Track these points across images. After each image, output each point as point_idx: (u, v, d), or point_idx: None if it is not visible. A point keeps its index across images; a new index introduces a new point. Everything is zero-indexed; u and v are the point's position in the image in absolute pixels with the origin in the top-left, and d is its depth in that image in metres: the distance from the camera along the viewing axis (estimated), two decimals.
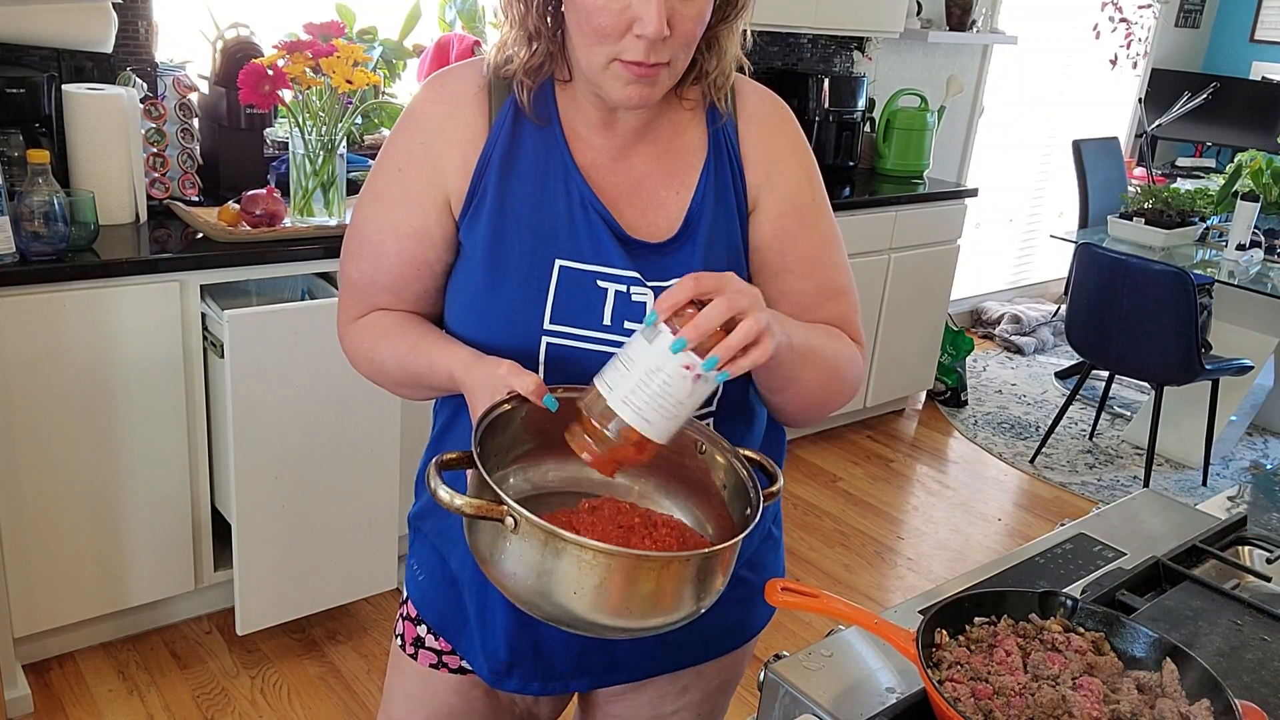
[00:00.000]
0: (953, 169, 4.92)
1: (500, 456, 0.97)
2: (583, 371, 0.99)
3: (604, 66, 0.96)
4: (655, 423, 0.87)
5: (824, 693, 0.99)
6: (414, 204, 1.04)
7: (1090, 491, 3.71)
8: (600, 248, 1.02)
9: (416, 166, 1.05)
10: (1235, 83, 5.65)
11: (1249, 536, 1.36)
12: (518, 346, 1.01)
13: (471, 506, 0.84)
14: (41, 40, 2.32)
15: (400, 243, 1.05)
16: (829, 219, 1.11)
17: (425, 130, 1.05)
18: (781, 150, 1.10)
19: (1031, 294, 5.83)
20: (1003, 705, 0.89)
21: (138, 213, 2.39)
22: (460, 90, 1.05)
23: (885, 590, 3.00)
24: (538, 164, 1.04)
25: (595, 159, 1.05)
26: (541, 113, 1.04)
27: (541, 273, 1.01)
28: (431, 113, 1.06)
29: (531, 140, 1.04)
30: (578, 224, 1.02)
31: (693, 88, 1.07)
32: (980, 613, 1.01)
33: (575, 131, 1.05)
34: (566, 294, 1.01)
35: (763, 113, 1.11)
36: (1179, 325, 3.39)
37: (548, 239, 1.02)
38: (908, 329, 3.94)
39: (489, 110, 1.04)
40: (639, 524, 0.92)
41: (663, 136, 1.08)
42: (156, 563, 2.36)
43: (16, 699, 2.18)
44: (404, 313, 1.09)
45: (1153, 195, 4.11)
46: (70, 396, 2.14)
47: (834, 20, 3.54)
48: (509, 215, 1.02)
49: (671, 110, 1.08)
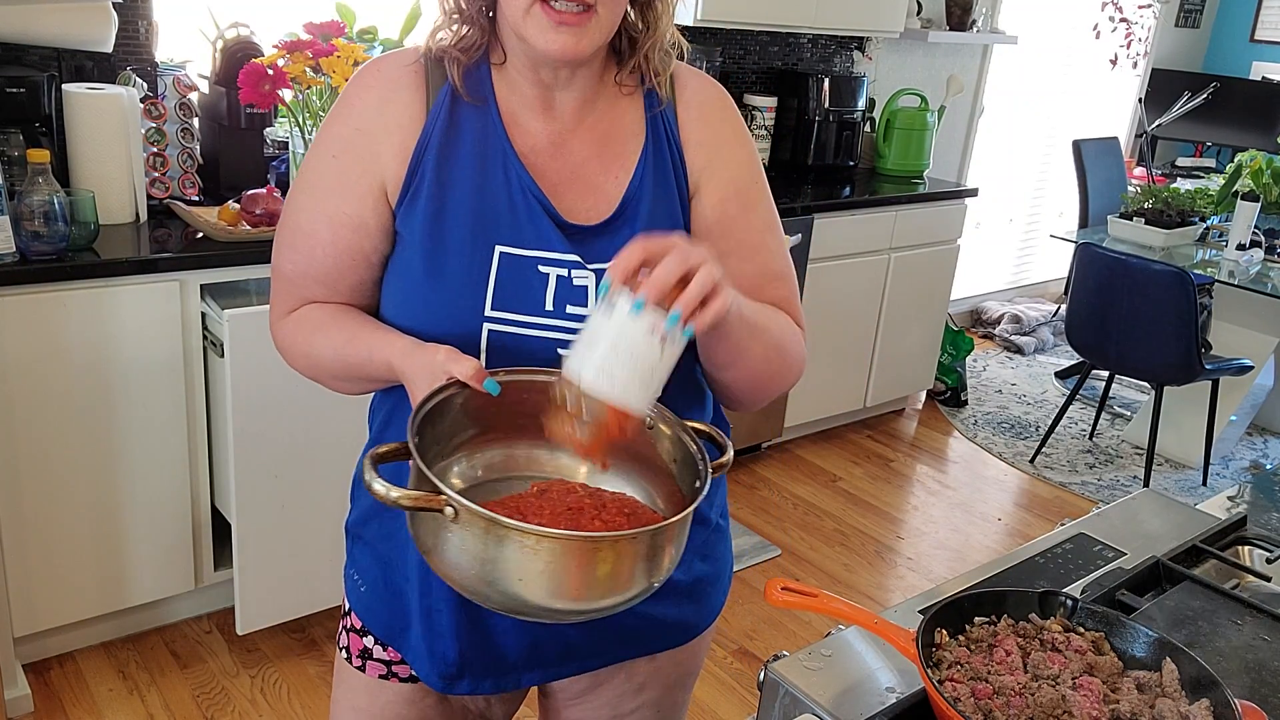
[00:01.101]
0: (953, 169, 4.92)
1: (442, 445, 0.96)
2: (525, 358, 1.00)
3: (525, 10, 0.94)
4: (632, 393, 0.86)
5: (824, 692, 0.99)
6: (349, 192, 1.02)
7: (1090, 491, 3.71)
8: (541, 233, 1.01)
9: (351, 154, 1.03)
10: (1235, 83, 5.65)
11: (1249, 536, 1.36)
12: (459, 334, 0.99)
13: (409, 499, 0.82)
14: (42, 40, 2.32)
15: (335, 232, 1.03)
16: (769, 204, 1.12)
17: (360, 116, 1.03)
18: (724, 135, 1.10)
19: (1031, 294, 5.83)
20: (1002, 705, 0.89)
21: (138, 212, 2.39)
22: (395, 75, 1.04)
23: (885, 590, 3.00)
24: (476, 150, 1.02)
25: (534, 144, 1.04)
26: (475, 93, 1.03)
27: (482, 259, 1.00)
28: (366, 99, 1.04)
29: (470, 126, 1.03)
30: (518, 210, 1.01)
31: (630, 75, 1.07)
32: (980, 613, 1.01)
33: (513, 116, 1.04)
34: (507, 280, 1.00)
35: (703, 98, 1.10)
36: (1179, 325, 3.39)
37: (488, 225, 1.01)
38: (908, 329, 3.94)
39: (426, 95, 1.03)
40: (589, 504, 0.91)
41: (601, 122, 1.07)
42: (156, 562, 2.36)
43: (16, 698, 2.18)
44: (339, 305, 1.07)
45: (1153, 195, 4.11)
46: (70, 396, 2.14)
47: (834, 20, 3.54)
48: (448, 201, 1.01)
49: (608, 95, 1.07)
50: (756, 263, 1.09)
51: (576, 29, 0.94)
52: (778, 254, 1.12)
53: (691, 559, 1.14)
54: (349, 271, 1.05)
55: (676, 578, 1.11)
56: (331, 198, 1.03)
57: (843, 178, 3.89)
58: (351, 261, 1.04)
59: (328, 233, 1.03)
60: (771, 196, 1.14)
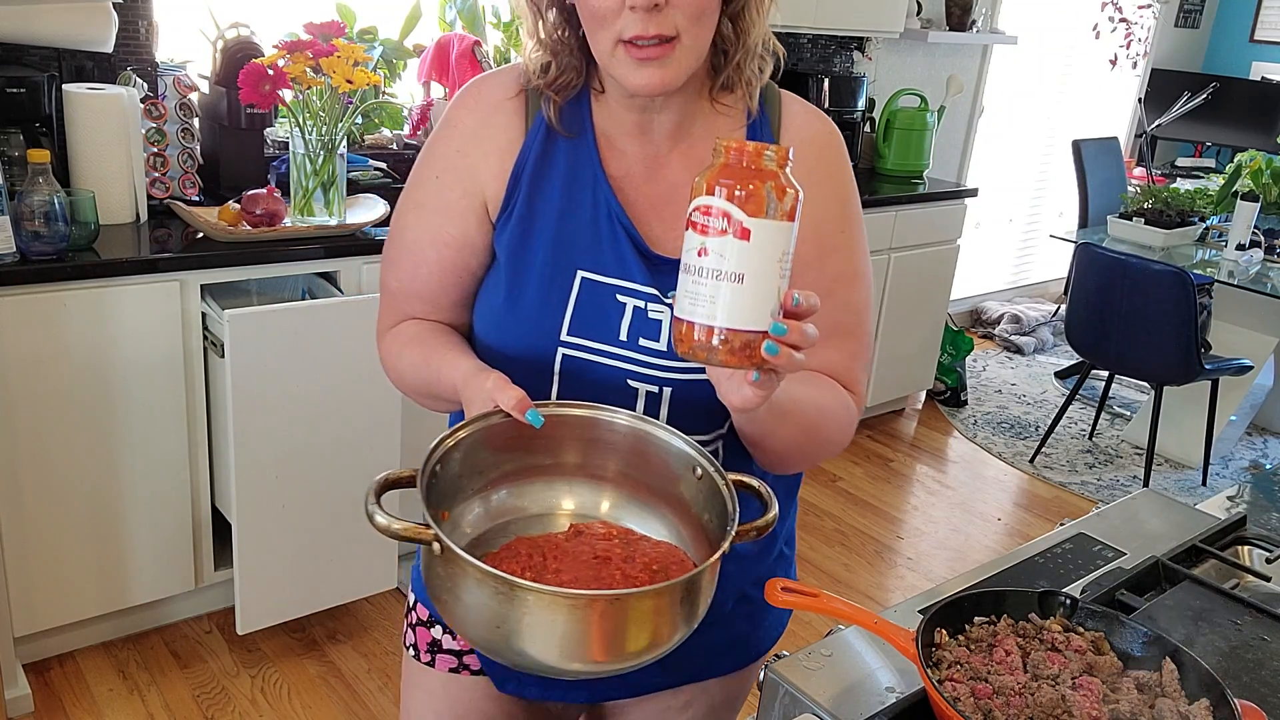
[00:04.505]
0: (953, 169, 4.92)
1: (486, 475, 0.93)
2: (595, 385, 0.99)
3: (611, 53, 0.93)
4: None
5: (824, 692, 0.99)
6: (452, 211, 1.04)
7: (1090, 491, 3.71)
8: (622, 261, 1.00)
9: (453, 174, 1.04)
10: (1235, 83, 5.65)
11: (1248, 536, 1.36)
12: (535, 356, 1.00)
13: (401, 528, 0.79)
14: (42, 40, 2.32)
15: (439, 250, 1.04)
16: (853, 255, 1.06)
17: (461, 137, 1.04)
18: (817, 174, 1.03)
19: (1031, 294, 5.83)
20: (1002, 705, 0.89)
21: (138, 212, 2.39)
22: (496, 97, 1.04)
23: (885, 590, 3.00)
24: (568, 174, 1.02)
25: (629, 169, 1.04)
26: (572, 126, 1.03)
27: (563, 283, 1.00)
28: (467, 120, 1.05)
29: (565, 150, 1.03)
30: (602, 235, 1.01)
31: (728, 93, 1.04)
32: (980, 612, 1.01)
33: (610, 140, 1.04)
34: (586, 306, 1.00)
35: (806, 135, 1.06)
36: (1179, 325, 3.39)
37: (570, 249, 1.00)
38: (908, 329, 3.94)
39: (525, 117, 1.03)
40: (617, 554, 0.87)
41: (697, 146, 1.04)
42: (156, 562, 2.36)
43: (16, 698, 2.18)
44: (433, 322, 1.08)
45: (1152, 195, 4.11)
46: (70, 396, 2.14)
47: (834, 20, 3.54)
48: (535, 224, 1.01)
49: (705, 116, 1.05)
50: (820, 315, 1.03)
51: (661, 61, 0.93)
52: (849, 307, 1.05)
53: (749, 586, 1.13)
54: (452, 287, 1.06)
55: (734, 608, 1.12)
56: (436, 217, 1.04)
57: None
58: (456, 278, 1.05)
59: (432, 251, 1.05)
60: (864, 246, 1.07)
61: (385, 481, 0.86)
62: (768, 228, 0.77)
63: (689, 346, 0.80)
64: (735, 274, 0.77)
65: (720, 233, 0.77)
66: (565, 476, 0.97)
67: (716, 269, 0.78)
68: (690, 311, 0.79)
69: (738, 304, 0.78)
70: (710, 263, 0.78)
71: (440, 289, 1.06)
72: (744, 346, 0.78)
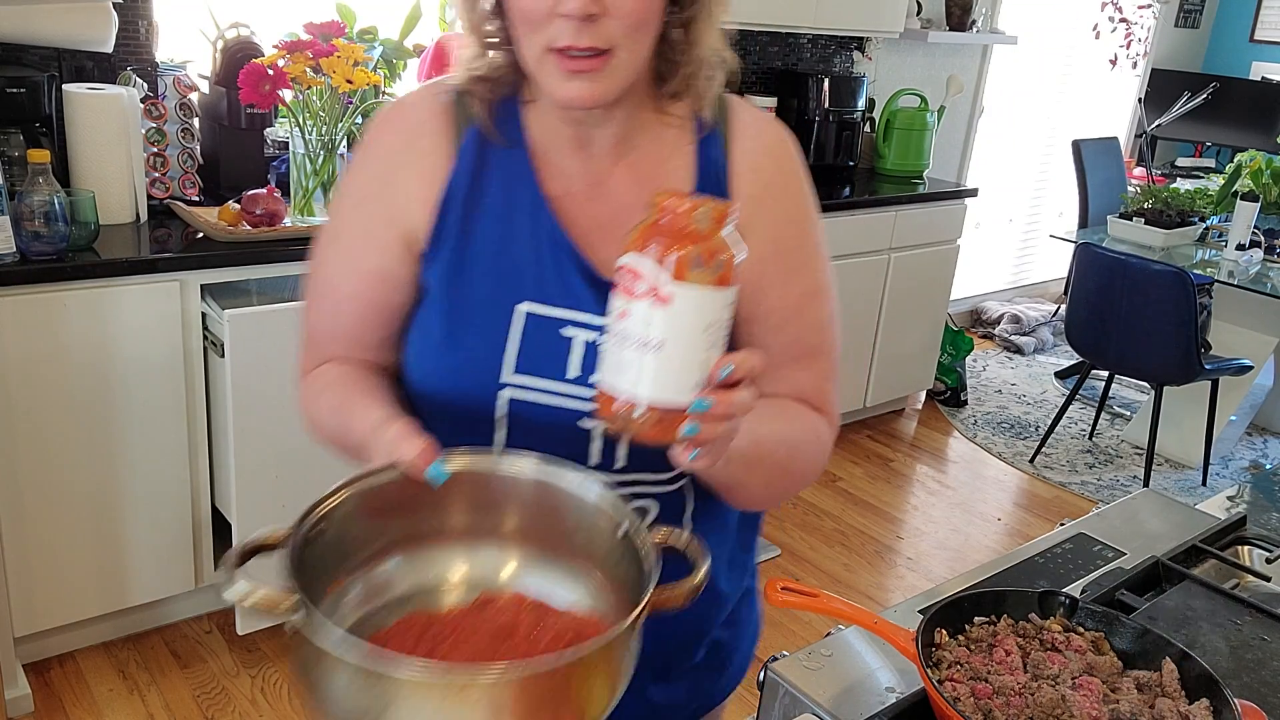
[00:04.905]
0: (953, 169, 4.92)
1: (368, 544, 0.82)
2: (546, 428, 0.91)
3: (539, 61, 0.86)
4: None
5: (824, 692, 0.99)
6: (373, 244, 0.95)
7: (1090, 491, 3.71)
8: (569, 290, 0.92)
9: (374, 203, 0.95)
10: (1235, 83, 5.65)
11: (1248, 536, 1.36)
12: (476, 399, 0.92)
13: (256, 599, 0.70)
14: (42, 40, 2.32)
15: (360, 284, 0.96)
16: (818, 271, 0.99)
17: (382, 162, 0.96)
18: (776, 188, 0.98)
19: (1031, 294, 5.83)
20: (1002, 705, 0.89)
21: (138, 212, 2.39)
22: (419, 117, 0.96)
23: (885, 590, 3.00)
24: (504, 197, 0.94)
25: (569, 187, 0.95)
26: (505, 133, 0.95)
27: (504, 317, 0.91)
28: (388, 143, 0.97)
29: (499, 169, 0.94)
30: (545, 263, 0.92)
31: (676, 102, 0.96)
32: (980, 612, 1.01)
33: (546, 157, 0.95)
34: (531, 342, 0.91)
35: (760, 143, 0.98)
36: (1178, 325, 3.39)
37: (511, 280, 0.92)
38: (908, 329, 3.94)
39: (452, 137, 0.94)
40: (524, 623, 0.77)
41: (644, 160, 0.96)
42: (156, 562, 2.36)
43: (17, 698, 2.18)
44: (353, 367, 0.98)
45: (1152, 195, 4.11)
46: (70, 396, 2.14)
47: (834, 20, 3.54)
48: (470, 253, 0.93)
49: (651, 127, 0.96)
50: (787, 335, 0.97)
51: (592, 75, 0.85)
52: (815, 327, 0.98)
53: (723, 632, 1.07)
54: (375, 327, 0.98)
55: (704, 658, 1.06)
56: (355, 250, 0.96)
57: (842, 178, 3.89)
58: (379, 316, 0.97)
59: (352, 285, 0.97)
60: (826, 258, 1.00)
61: (249, 548, 0.75)
62: (693, 294, 0.71)
63: (608, 416, 0.75)
64: (656, 342, 0.72)
65: (642, 296, 0.72)
66: (467, 539, 0.86)
67: (637, 336, 0.72)
68: (610, 379, 0.74)
69: (658, 375, 0.72)
70: (632, 328, 0.72)
71: (362, 328, 0.98)
72: (664, 421, 0.73)
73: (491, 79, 0.94)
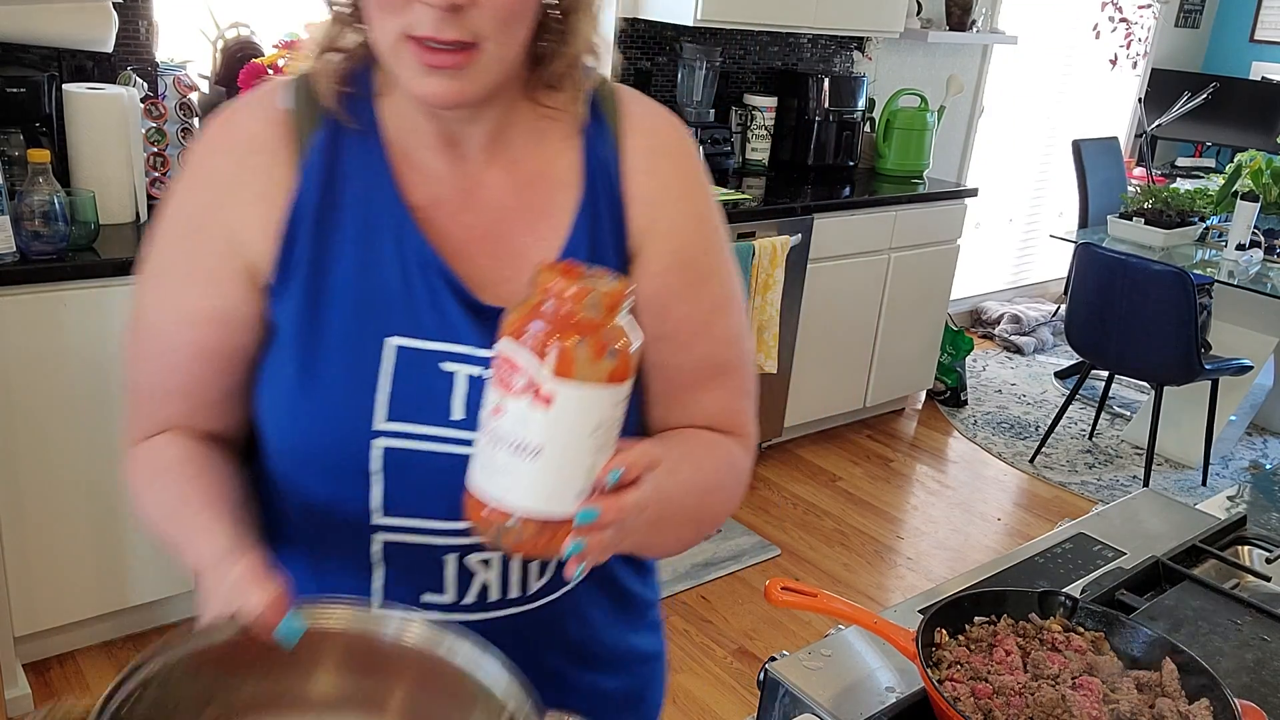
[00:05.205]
0: (953, 169, 4.92)
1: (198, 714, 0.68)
2: (431, 478, 0.79)
3: (394, 48, 0.74)
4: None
5: (824, 692, 0.99)
6: (209, 281, 0.81)
7: (1090, 491, 3.71)
8: (445, 320, 0.80)
9: (205, 234, 0.81)
10: (1235, 83, 5.66)
11: (1248, 536, 1.36)
12: (344, 451, 0.79)
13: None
14: (42, 39, 2.32)
15: (196, 332, 0.81)
16: (725, 278, 0.90)
17: (210, 188, 0.82)
18: (674, 189, 0.87)
19: (1031, 294, 5.83)
20: (1002, 705, 0.89)
21: (138, 212, 2.39)
22: (252, 130, 0.83)
23: (885, 590, 3.00)
24: (362, 211, 0.81)
25: (437, 195, 0.83)
26: (361, 133, 0.83)
27: (370, 355, 0.79)
28: (218, 165, 0.83)
29: (353, 180, 0.81)
30: (415, 288, 0.80)
31: (554, 93, 0.85)
32: (980, 612, 1.01)
33: (408, 160, 0.83)
34: (405, 382, 0.79)
35: (654, 141, 0.88)
36: (1178, 325, 3.39)
37: (377, 310, 0.80)
38: (907, 329, 3.94)
39: (294, 149, 0.81)
40: None
41: (523, 161, 0.85)
42: (156, 562, 2.36)
43: (16, 698, 2.18)
44: (193, 447, 0.84)
45: (1152, 195, 4.11)
46: (70, 395, 2.14)
47: (834, 20, 3.54)
48: (327, 282, 0.80)
49: (527, 121, 0.85)
50: (697, 353, 0.88)
51: (455, 73, 0.74)
52: (727, 341, 0.90)
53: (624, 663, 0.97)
54: (218, 377, 0.83)
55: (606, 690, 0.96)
56: (188, 290, 0.82)
57: (843, 178, 3.89)
58: (222, 365, 0.83)
59: (187, 333, 0.82)
60: (733, 263, 0.91)
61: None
62: (579, 394, 0.62)
63: (479, 524, 0.66)
64: (534, 447, 0.63)
65: (519, 392, 0.62)
66: (329, 710, 0.73)
67: (512, 438, 0.63)
68: (479, 480, 0.65)
69: (536, 484, 0.63)
70: (506, 427, 0.63)
71: (202, 381, 0.83)
72: (542, 534, 0.64)
73: (342, 66, 0.82)
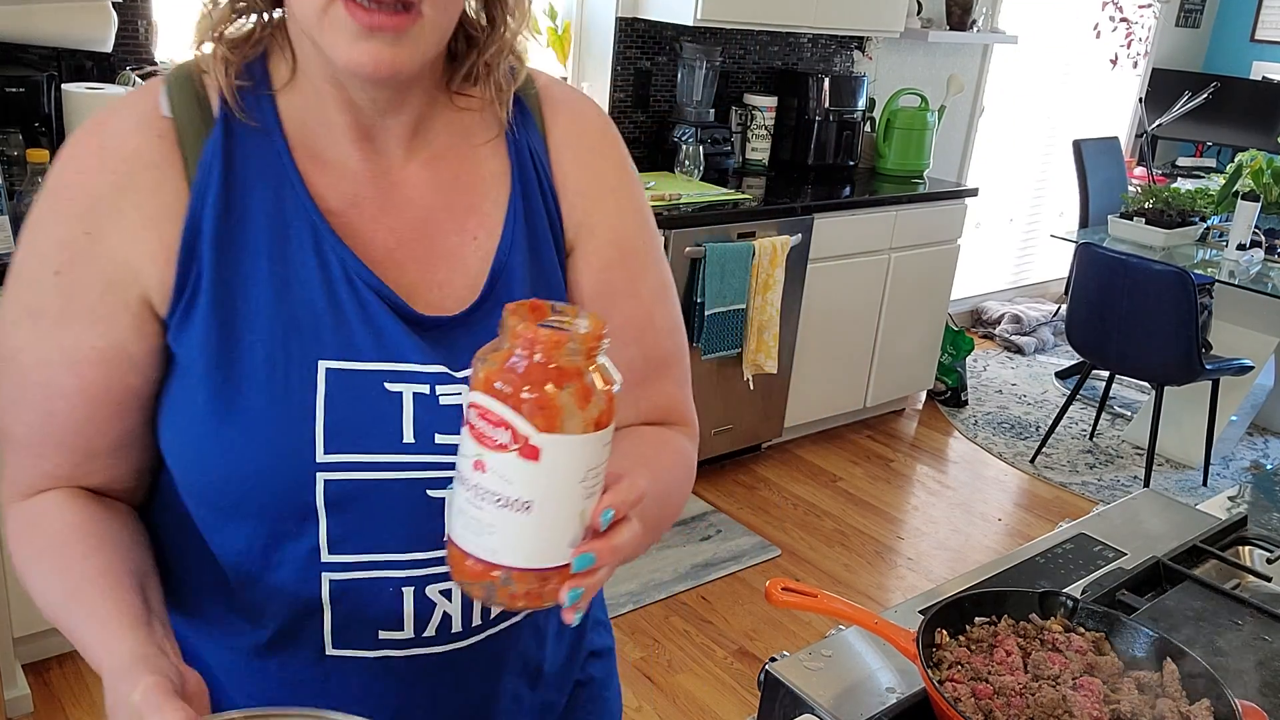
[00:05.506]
0: (953, 169, 4.92)
1: None
2: (381, 511, 0.73)
3: (323, 9, 0.68)
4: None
5: (824, 692, 0.99)
6: (92, 317, 0.72)
7: (1090, 491, 3.71)
8: (381, 336, 0.73)
9: (84, 265, 0.72)
10: (1236, 82, 5.65)
11: (1249, 536, 1.36)
12: (278, 491, 0.71)
13: None
14: (41, 39, 2.32)
15: (80, 373, 0.72)
16: (659, 267, 0.87)
17: (83, 215, 0.72)
18: (606, 179, 0.84)
19: (1032, 294, 5.83)
20: (1003, 705, 0.89)
21: None
22: (132, 144, 0.72)
23: (885, 590, 3.00)
24: (270, 223, 0.73)
25: (354, 195, 0.76)
26: (260, 119, 0.75)
27: (300, 383, 0.71)
28: (93, 188, 0.72)
29: (257, 188, 0.73)
30: (343, 305, 0.73)
31: (471, 86, 0.80)
32: (980, 613, 1.01)
33: (318, 159, 0.75)
34: (343, 408, 0.72)
35: (580, 129, 0.85)
36: (1179, 325, 3.39)
37: (302, 333, 0.72)
38: (908, 329, 3.94)
39: (180, 159, 0.72)
40: None
41: (444, 157, 0.80)
42: None
43: (16, 699, 2.18)
44: (84, 513, 0.74)
45: (1153, 195, 4.11)
46: None
47: (834, 19, 3.54)
48: (239, 306, 0.72)
49: (447, 114, 0.80)
50: (643, 345, 0.85)
51: (395, 36, 0.68)
52: (667, 330, 0.87)
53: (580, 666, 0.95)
54: (107, 426, 0.74)
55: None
56: (68, 328, 0.72)
57: (843, 178, 3.89)
58: (112, 409, 0.73)
59: (69, 377, 0.72)
60: (661, 248, 0.88)
61: None
62: (567, 445, 0.59)
63: (465, 578, 0.62)
64: (522, 502, 0.59)
65: (501, 447, 0.58)
66: None
67: (499, 493, 0.59)
68: (465, 537, 0.61)
69: (525, 538, 0.60)
70: (491, 483, 0.59)
71: (87, 432, 0.74)
72: (535, 586, 0.61)
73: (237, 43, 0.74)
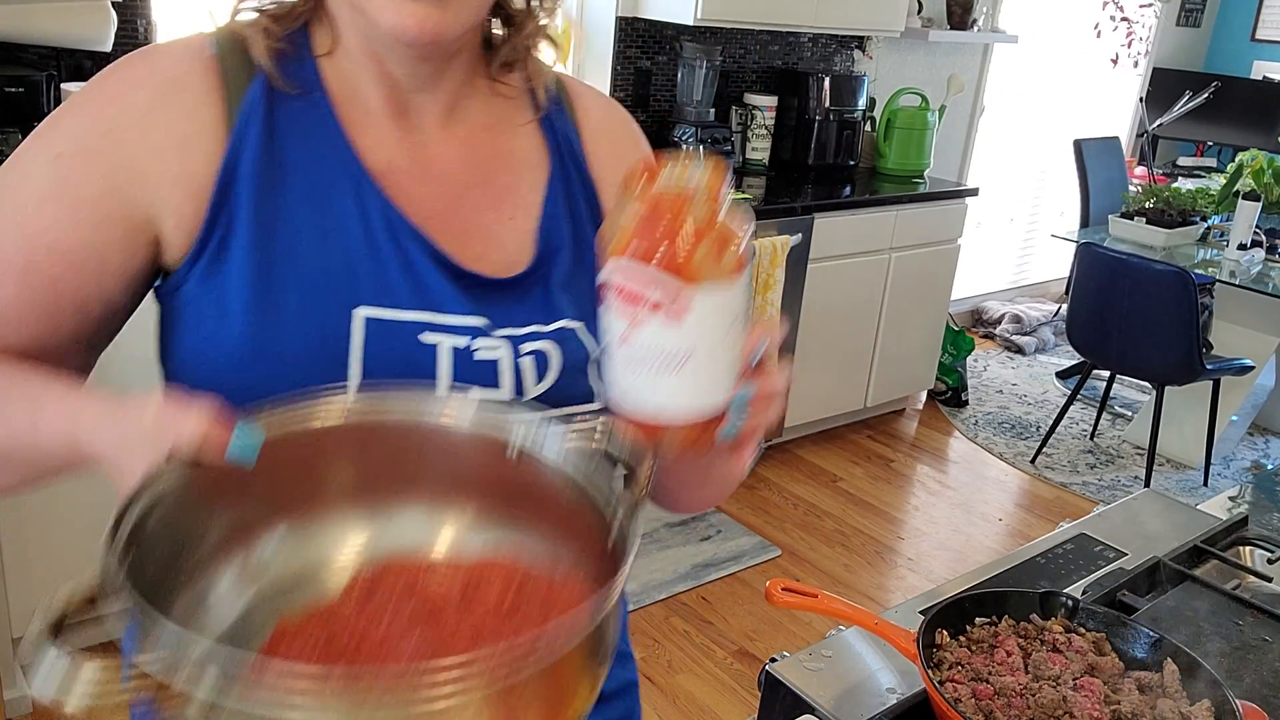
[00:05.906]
0: (953, 168, 4.92)
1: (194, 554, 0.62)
2: None
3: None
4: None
5: (824, 693, 0.98)
6: (76, 210, 0.69)
7: (1091, 491, 3.71)
8: (421, 286, 0.73)
9: (90, 159, 0.69)
10: (1236, 82, 5.65)
11: (1250, 537, 1.36)
12: None
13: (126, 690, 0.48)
14: (40, 39, 2.32)
15: (38, 260, 0.69)
16: None
17: (117, 118, 0.70)
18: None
19: (1032, 293, 5.82)
20: (1003, 706, 0.89)
21: None
22: (176, 70, 0.72)
23: (885, 590, 3.00)
24: (311, 173, 0.73)
25: (391, 160, 0.76)
26: (298, 83, 0.75)
27: (335, 330, 0.71)
28: (130, 98, 0.70)
29: (298, 140, 0.73)
30: (384, 254, 0.73)
31: (510, 72, 0.82)
32: (981, 613, 1.01)
33: (357, 124, 0.76)
34: (378, 358, 0.71)
35: (611, 124, 0.86)
36: (1180, 325, 3.39)
37: (340, 280, 0.72)
38: (908, 329, 3.94)
39: (224, 96, 0.72)
40: (455, 595, 0.60)
41: (478, 135, 0.80)
42: None
43: (16, 699, 2.18)
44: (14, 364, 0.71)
45: (1154, 195, 4.11)
46: None
47: (834, 19, 3.54)
48: (279, 250, 0.71)
49: (482, 97, 0.81)
50: None
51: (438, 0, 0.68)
52: None
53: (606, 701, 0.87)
54: (45, 320, 0.72)
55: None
56: (44, 211, 0.69)
57: (843, 177, 3.88)
58: (54, 309, 0.71)
59: (22, 259, 0.69)
60: None
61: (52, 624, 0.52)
62: (714, 294, 0.58)
63: (639, 438, 0.64)
64: (682, 356, 0.59)
65: (651, 311, 0.58)
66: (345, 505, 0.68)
67: (654, 356, 0.59)
68: (632, 402, 0.62)
69: (691, 387, 0.60)
70: (644, 348, 0.59)
71: (21, 318, 0.71)
72: (703, 432, 0.62)
73: (279, 17, 0.74)
